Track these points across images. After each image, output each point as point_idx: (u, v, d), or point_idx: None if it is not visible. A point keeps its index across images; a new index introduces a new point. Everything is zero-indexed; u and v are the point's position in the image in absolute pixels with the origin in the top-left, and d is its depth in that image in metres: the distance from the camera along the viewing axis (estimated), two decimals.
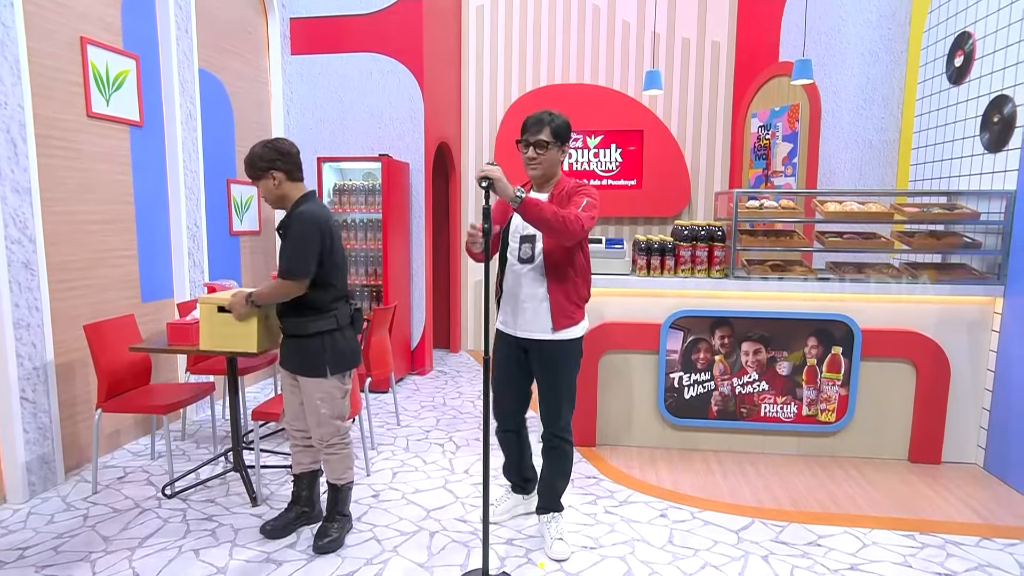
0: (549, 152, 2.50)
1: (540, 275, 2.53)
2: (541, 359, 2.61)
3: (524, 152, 2.52)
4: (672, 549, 2.72)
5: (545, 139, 2.48)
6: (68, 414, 3.42)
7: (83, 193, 3.49)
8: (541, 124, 2.48)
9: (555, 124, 2.49)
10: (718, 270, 3.71)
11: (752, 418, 3.73)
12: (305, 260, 2.53)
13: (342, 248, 2.75)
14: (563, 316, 2.54)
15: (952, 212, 3.62)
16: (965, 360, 3.58)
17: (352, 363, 2.74)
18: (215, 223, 4.60)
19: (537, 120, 2.49)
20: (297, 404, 2.78)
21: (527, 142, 2.50)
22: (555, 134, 2.49)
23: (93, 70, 3.51)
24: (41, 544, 2.72)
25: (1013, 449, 3.35)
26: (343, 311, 2.70)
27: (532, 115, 2.52)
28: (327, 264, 2.62)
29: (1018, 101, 3.34)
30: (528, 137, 2.50)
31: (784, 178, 5.23)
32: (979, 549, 2.74)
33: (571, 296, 2.55)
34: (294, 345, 2.66)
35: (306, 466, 2.89)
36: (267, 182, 2.62)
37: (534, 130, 2.48)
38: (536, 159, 2.50)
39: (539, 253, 2.51)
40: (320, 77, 5.41)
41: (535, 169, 2.53)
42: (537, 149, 2.49)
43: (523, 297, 2.55)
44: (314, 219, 2.57)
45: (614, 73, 6.12)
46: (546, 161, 2.51)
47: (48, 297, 3.23)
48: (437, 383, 5.35)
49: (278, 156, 2.60)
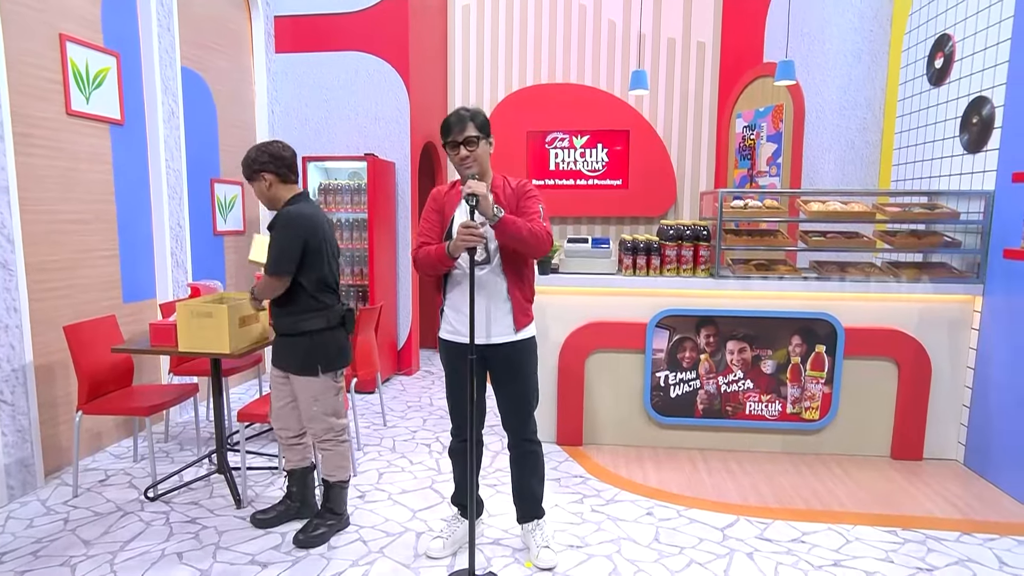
0: (480, 147, 2.42)
1: (498, 275, 2.45)
2: (504, 364, 2.51)
3: (454, 154, 2.41)
4: (658, 547, 2.73)
5: (473, 134, 2.38)
6: (48, 416, 3.36)
7: (63, 192, 3.44)
8: (463, 121, 2.39)
9: (478, 119, 2.41)
10: (703, 269, 3.73)
11: (737, 416, 3.76)
12: (284, 259, 2.57)
13: (335, 247, 2.76)
14: (523, 315, 2.49)
15: (933, 212, 3.67)
16: (946, 358, 3.63)
17: (343, 362, 2.76)
18: (199, 223, 4.55)
19: (458, 119, 2.40)
20: (283, 403, 2.80)
21: (455, 143, 2.39)
22: (480, 128, 2.41)
23: (73, 67, 3.46)
24: (20, 549, 2.68)
25: (993, 446, 3.40)
26: (335, 310, 2.70)
27: (449, 115, 2.43)
28: (314, 263, 2.62)
29: (996, 102, 3.39)
30: (455, 137, 2.39)
31: (769, 178, 5.27)
32: (959, 544, 2.78)
33: (527, 293, 2.51)
34: (287, 344, 2.68)
35: (295, 463, 2.91)
36: (259, 184, 2.68)
37: (459, 128, 2.39)
38: (469, 157, 2.40)
39: (495, 252, 2.42)
40: (305, 76, 5.37)
41: (470, 167, 2.40)
42: (468, 147, 2.38)
43: (483, 301, 2.44)
44: (296, 219, 2.59)
45: (600, 73, 6.13)
46: (480, 157, 2.42)
47: (27, 298, 3.18)
48: (424, 383, 5.33)
49: (269, 159, 2.65)
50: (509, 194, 2.48)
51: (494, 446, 3.81)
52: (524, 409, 2.57)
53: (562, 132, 6.14)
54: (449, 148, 2.42)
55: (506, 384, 2.55)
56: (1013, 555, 2.69)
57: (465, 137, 2.38)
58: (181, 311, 2.91)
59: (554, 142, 6.17)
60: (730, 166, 5.78)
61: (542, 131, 6.17)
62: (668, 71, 6.07)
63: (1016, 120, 3.25)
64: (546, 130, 6.12)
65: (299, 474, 2.92)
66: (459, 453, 2.66)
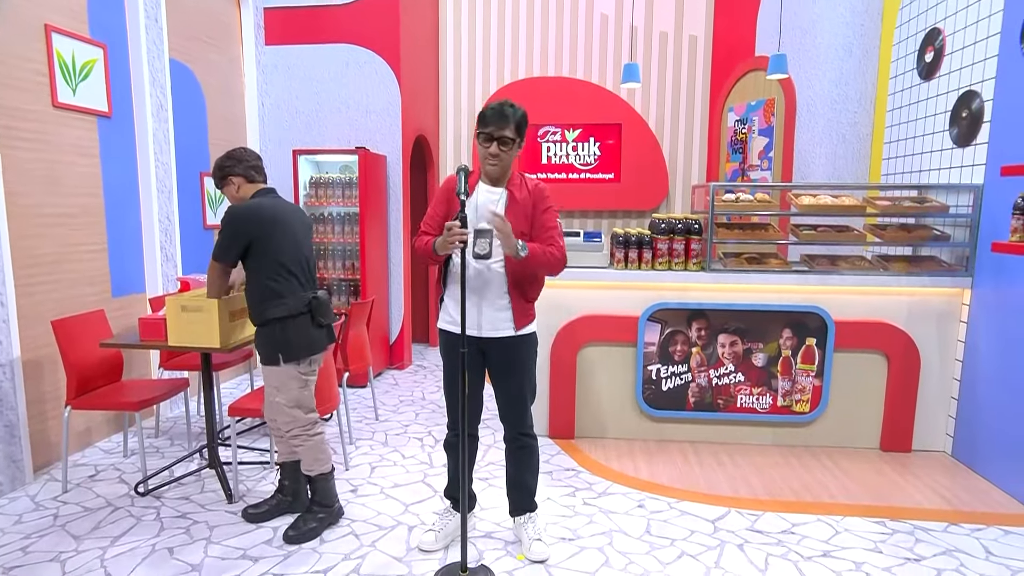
0: (512, 150, 2.39)
1: (501, 273, 2.43)
2: (503, 358, 2.51)
3: (485, 147, 2.37)
4: (649, 539, 2.75)
5: (510, 135, 2.35)
6: (36, 412, 3.34)
7: (49, 185, 3.40)
8: (505, 119, 2.33)
9: (517, 117, 2.36)
10: (695, 263, 3.74)
11: (728, 409, 3.78)
12: (220, 247, 2.67)
13: (295, 237, 2.73)
14: (524, 316, 2.48)
15: (922, 205, 3.69)
16: (934, 351, 3.66)
17: (308, 351, 2.71)
18: (188, 217, 4.52)
19: (500, 114, 2.33)
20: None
21: (490, 136, 2.35)
22: (517, 130, 2.37)
23: (59, 59, 3.42)
24: (9, 544, 2.66)
25: (980, 437, 3.43)
26: (297, 299, 2.67)
27: (492, 106, 2.36)
28: (265, 251, 2.64)
29: (986, 97, 3.41)
30: (492, 131, 2.34)
31: (760, 172, 5.29)
32: (947, 535, 2.81)
33: (528, 294, 2.49)
34: (258, 334, 2.73)
35: (286, 455, 2.91)
36: (229, 188, 2.81)
37: (498, 125, 2.33)
38: (498, 156, 2.36)
39: (496, 248, 2.39)
40: (295, 68, 5.33)
41: (495, 166, 2.39)
42: (501, 146, 2.35)
43: (482, 296, 2.44)
44: (240, 212, 2.67)
45: (592, 66, 6.12)
46: (507, 159, 2.40)
47: (14, 292, 3.15)
48: (416, 377, 5.33)
49: (234, 162, 2.76)
50: (526, 196, 2.44)
51: (486, 440, 3.82)
52: (521, 403, 2.57)
53: (554, 125, 6.12)
54: (482, 139, 2.38)
55: (504, 378, 2.55)
56: (999, 544, 2.73)
57: (502, 136, 2.35)
58: (171, 305, 2.90)
59: (546, 135, 6.16)
60: (722, 160, 5.79)
61: (534, 124, 6.15)
62: (660, 65, 6.07)
63: (1005, 114, 3.27)
64: (538, 123, 6.10)
65: (291, 467, 2.91)
66: (453, 446, 2.66)
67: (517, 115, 2.37)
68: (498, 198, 2.43)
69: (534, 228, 2.45)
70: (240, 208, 2.67)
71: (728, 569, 2.52)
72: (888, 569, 2.53)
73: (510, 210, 2.41)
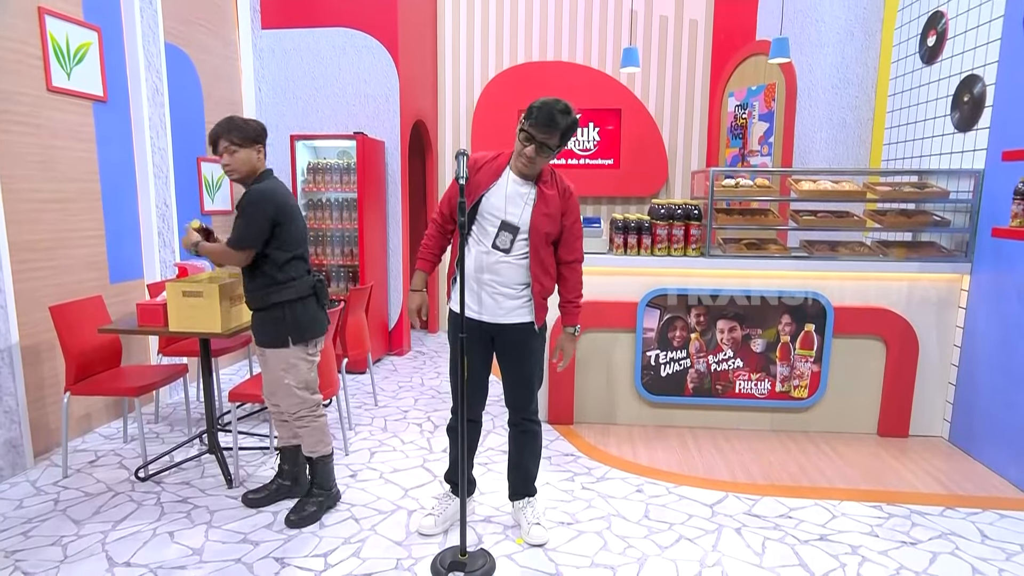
0: (549, 157, 2.36)
1: (520, 269, 2.43)
2: (513, 345, 2.51)
3: (524, 145, 2.32)
4: (648, 523, 2.76)
5: (553, 144, 2.31)
6: (36, 397, 3.34)
7: (45, 170, 3.38)
8: (553, 127, 2.27)
9: (565, 128, 2.29)
10: (694, 249, 3.73)
11: (727, 395, 3.79)
12: (249, 234, 2.58)
13: (302, 221, 2.75)
14: (541, 311, 2.49)
15: (922, 191, 3.68)
16: (933, 336, 3.66)
17: (315, 332, 2.75)
18: (185, 202, 4.50)
19: (549, 119, 2.26)
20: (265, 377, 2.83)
21: (532, 138, 2.29)
22: (562, 139, 2.32)
23: (52, 42, 3.38)
24: (10, 529, 2.67)
25: (977, 422, 3.45)
26: (303, 282, 2.69)
27: (545, 106, 2.27)
28: (285, 238, 2.63)
29: (988, 81, 3.38)
30: (536, 134, 2.28)
31: (760, 157, 5.26)
32: (943, 518, 2.83)
33: (547, 292, 2.49)
34: (258, 318, 2.70)
35: (286, 440, 2.91)
36: (254, 153, 2.65)
37: (546, 133, 2.27)
38: (533, 160, 2.33)
39: (519, 244, 2.40)
40: (292, 52, 5.28)
41: (527, 167, 2.36)
42: (540, 152, 2.31)
43: (497, 286, 2.43)
44: (269, 196, 2.61)
45: (592, 50, 6.07)
46: (541, 163, 2.37)
47: (11, 278, 3.14)
48: (415, 363, 5.34)
49: (264, 134, 2.70)
50: (554, 196, 2.42)
51: (485, 425, 3.82)
52: (528, 389, 2.59)
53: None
54: (523, 136, 2.32)
55: (513, 364, 2.56)
56: (994, 528, 2.75)
57: (544, 142, 2.30)
58: (171, 291, 2.89)
59: None
60: (722, 145, 5.76)
61: None
62: (660, 49, 6.02)
63: (1007, 99, 3.25)
64: None
65: (291, 451, 2.93)
66: (456, 431, 2.66)
67: (567, 124, 2.29)
68: (527, 193, 2.41)
69: (564, 235, 2.46)
70: (265, 191, 2.61)
71: (726, 553, 2.54)
72: (884, 552, 2.55)
73: (538, 209, 2.39)
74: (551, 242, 2.45)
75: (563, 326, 2.56)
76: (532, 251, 2.41)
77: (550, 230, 2.41)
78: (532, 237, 2.39)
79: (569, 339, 2.56)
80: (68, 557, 2.47)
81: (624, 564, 2.46)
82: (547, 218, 2.40)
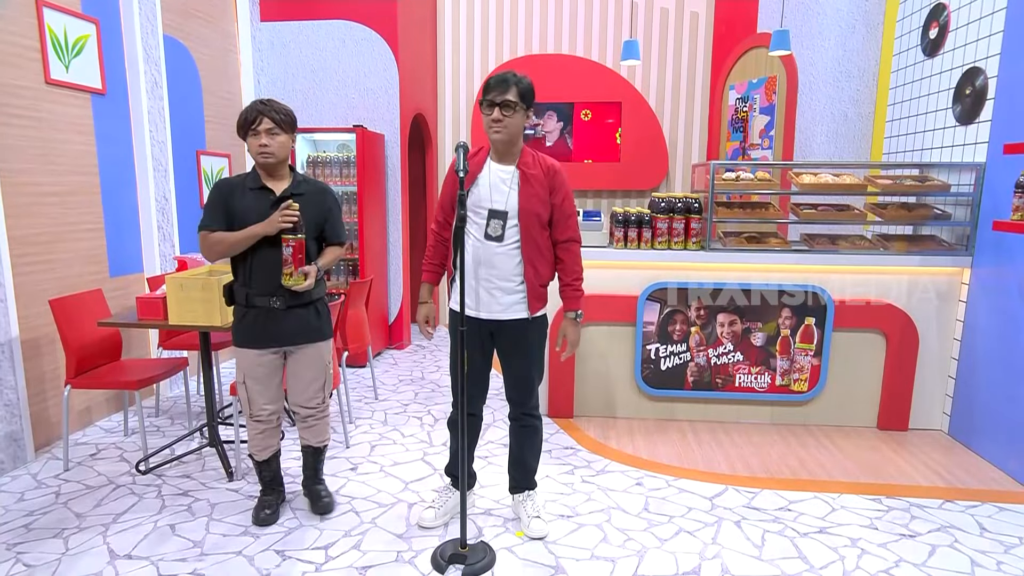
0: (515, 115, 2.35)
1: (515, 256, 2.42)
2: (513, 340, 2.50)
3: (488, 114, 2.36)
4: (647, 516, 2.77)
5: (512, 99, 2.32)
6: (36, 391, 3.34)
7: (44, 164, 3.37)
8: (507, 84, 2.33)
9: (521, 85, 2.34)
10: (694, 242, 3.73)
11: (727, 388, 3.79)
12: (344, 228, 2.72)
13: None
14: (537, 300, 2.47)
15: (923, 184, 3.67)
16: (933, 330, 3.66)
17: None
18: (185, 196, 4.49)
19: (502, 80, 2.33)
20: (277, 383, 2.65)
21: (492, 102, 2.34)
22: (521, 95, 2.34)
23: (50, 34, 3.36)
24: (12, 522, 2.68)
25: (976, 416, 3.45)
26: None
27: (496, 75, 2.37)
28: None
29: (990, 73, 3.37)
30: (493, 97, 2.33)
31: (761, 151, 5.25)
32: (942, 511, 2.84)
33: (543, 279, 2.48)
34: (300, 315, 2.57)
35: (275, 447, 2.74)
36: (289, 140, 2.54)
37: (499, 90, 2.32)
38: (501, 121, 2.33)
39: (510, 230, 2.39)
40: (291, 45, 5.25)
41: (499, 132, 2.35)
42: (503, 110, 2.32)
43: (494, 279, 2.42)
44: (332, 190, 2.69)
45: (592, 43, 6.04)
46: (511, 125, 2.36)
47: (11, 271, 3.13)
48: (415, 357, 5.34)
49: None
50: (538, 175, 2.42)
51: (486, 419, 3.82)
52: (529, 384, 2.58)
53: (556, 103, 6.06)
54: (485, 107, 2.36)
55: (514, 359, 2.55)
56: (993, 521, 2.75)
57: (504, 100, 2.32)
58: (171, 284, 2.89)
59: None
60: (722, 138, 5.75)
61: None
62: (661, 42, 5.99)
63: (1009, 91, 3.24)
64: (537, 102, 6.04)
65: (276, 457, 2.77)
66: (458, 425, 2.65)
67: (520, 82, 2.35)
68: (510, 177, 2.41)
69: (555, 215, 2.45)
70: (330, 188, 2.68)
71: (725, 545, 2.55)
72: (884, 545, 2.56)
73: (523, 191, 2.38)
74: (544, 224, 2.44)
75: (564, 311, 2.53)
76: (524, 234, 2.40)
77: (539, 211, 2.40)
78: (522, 220, 2.38)
79: (572, 325, 2.52)
80: (69, 550, 2.47)
81: (624, 557, 2.46)
82: (535, 199, 2.39)
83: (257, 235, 2.42)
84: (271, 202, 2.47)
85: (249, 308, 2.52)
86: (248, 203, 2.47)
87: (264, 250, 2.46)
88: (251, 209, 2.46)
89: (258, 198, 2.49)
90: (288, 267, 2.43)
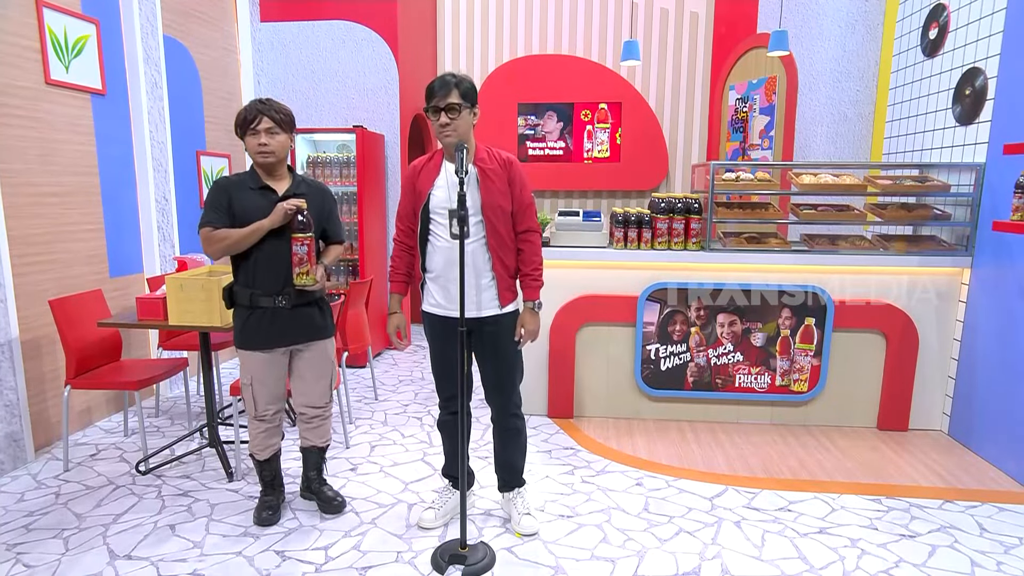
0: (462, 116, 2.35)
1: (482, 251, 2.43)
2: (489, 338, 2.49)
3: (435, 120, 2.34)
4: (647, 516, 2.77)
5: (455, 102, 2.31)
6: (36, 391, 3.34)
7: (44, 164, 3.37)
8: (448, 87, 2.32)
9: (463, 85, 2.35)
10: (694, 243, 3.73)
11: (727, 389, 3.79)
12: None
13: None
14: (508, 291, 2.48)
15: (923, 184, 3.67)
16: (933, 330, 3.66)
17: None
18: (185, 196, 4.49)
19: (442, 83, 2.33)
20: (281, 382, 2.65)
21: (436, 108, 2.33)
22: (464, 95, 2.34)
23: (50, 35, 3.36)
24: (12, 522, 2.68)
25: (976, 416, 3.45)
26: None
27: (434, 80, 2.36)
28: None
29: (990, 74, 3.37)
30: (437, 103, 2.32)
31: (761, 151, 5.25)
32: (942, 512, 2.84)
33: (511, 270, 2.49)
34: (305, 313, 2.57)
35: (276, 446, 2.74)
36: (287, 139, 2.52)
37: (442, 94, 2.32)
38: (450, 125, 2.32)
39: (475, 227, 2.40)
40: (291, 45, 5.26)
41: (449, 136, 2.34)
42: (449, 114, 2.31)
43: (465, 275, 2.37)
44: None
45: (592, 44, 6.04)
46: (460, 126, 2.35)
47: (10, 272, 3.13)
48: (415, 357, 5.34)
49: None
50: (496, 168, 2.43)
51: (485, 419, 3.83)
52: (508, 383, 2.56)
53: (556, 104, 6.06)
54: (431, 113, 2.36)
55: (490, 358, 2.54)
56: (993, 521, 2.75)
57: (448, 104, 2.32)
58: (171, 284, 2.89)
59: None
60: (722, 139, 5.75)
61: (533, 103, 6.09)
62: (661, 42, 5.99)
63: (1009, 92, 3.24)
64: (537, 102, 6.04)
65: (278, 456, 2.77)
66: (447, 425, 2.66)
67: (460, 81, 2.35)
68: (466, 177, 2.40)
69: (515, 206, 2.46)
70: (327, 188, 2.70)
71: (725, 546, 2.55)
72: (883, 545, 2.56)
73: (483, 187, 2.39)
74: (508, 215, 2.45)
75: (524, 300, 2.51)
76: (488, 228, 2.40)
77: (502, 203, 2.42)
78: (485, 213, 2.39)
79: (530, 315, 2.49)
80: (69, 550, 2.47)
81: (624, 557, 2.46)
82: (496, 192, 2.40)
83: (263, 230, 2.41)
84: (274, 202, 2.47)
85: (254, 309, 2.51)
86: (251, 202, 2.46)
87: (268, 249, 2.45)
88: (255, 208, 2.45)
89: (261, 197, 2.48)
90: (304, 265, 2.44)
